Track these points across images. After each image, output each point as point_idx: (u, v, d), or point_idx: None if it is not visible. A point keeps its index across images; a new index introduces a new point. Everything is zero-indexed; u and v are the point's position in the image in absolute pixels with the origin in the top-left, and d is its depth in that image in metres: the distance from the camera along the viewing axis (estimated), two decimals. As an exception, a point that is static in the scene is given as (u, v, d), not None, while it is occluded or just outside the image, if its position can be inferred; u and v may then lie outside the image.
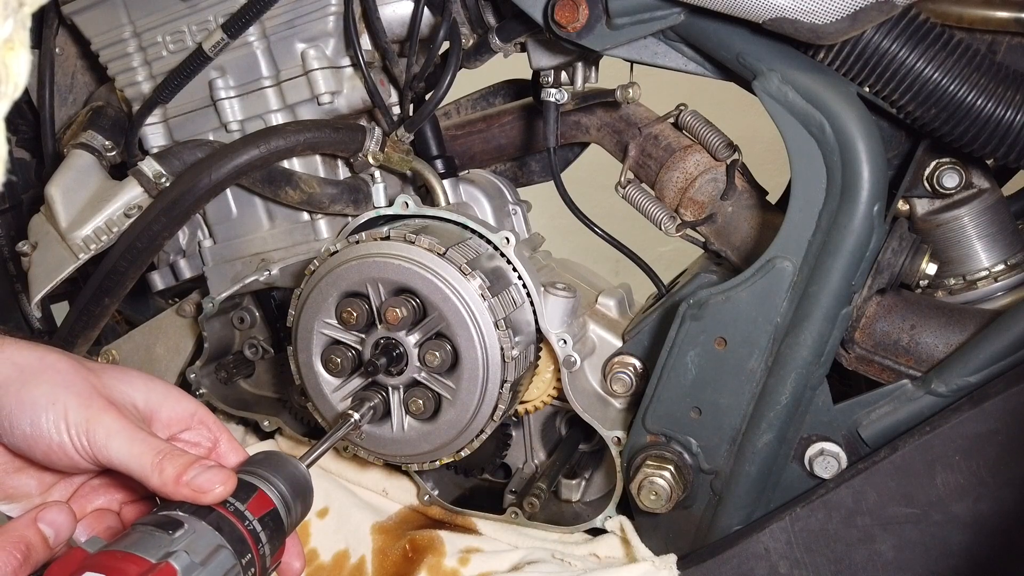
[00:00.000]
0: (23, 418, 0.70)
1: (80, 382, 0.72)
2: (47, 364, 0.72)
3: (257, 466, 0.75)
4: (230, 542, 0.66)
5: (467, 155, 1.35)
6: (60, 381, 0.71)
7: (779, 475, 1.02)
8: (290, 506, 0.74)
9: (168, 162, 1.18)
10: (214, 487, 0.68)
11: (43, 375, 0.71)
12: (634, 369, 1.11)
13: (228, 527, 0.67)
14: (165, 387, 0.79)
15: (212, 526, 0.66)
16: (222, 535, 0.66)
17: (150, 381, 0.78)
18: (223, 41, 1.15)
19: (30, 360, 0.72)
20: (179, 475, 0.68)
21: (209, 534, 0.66)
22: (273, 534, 0.71)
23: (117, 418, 0.71)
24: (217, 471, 0.69)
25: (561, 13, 0.96)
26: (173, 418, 0.78)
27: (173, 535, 0.64)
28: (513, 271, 1.08)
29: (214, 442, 0.80)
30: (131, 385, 0.76)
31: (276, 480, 0.74)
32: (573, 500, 1.27)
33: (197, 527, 0.66)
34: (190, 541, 0.64)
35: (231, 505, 0.69)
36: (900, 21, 0.88)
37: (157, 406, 0.77)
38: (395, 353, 1.00)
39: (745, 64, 0.92)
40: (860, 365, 1.01)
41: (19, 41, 0.52)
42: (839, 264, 0.92)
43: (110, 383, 0.74)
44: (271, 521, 0.71)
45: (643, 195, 1.18)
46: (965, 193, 1.04)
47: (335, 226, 1.22)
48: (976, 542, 0.91)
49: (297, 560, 0.79)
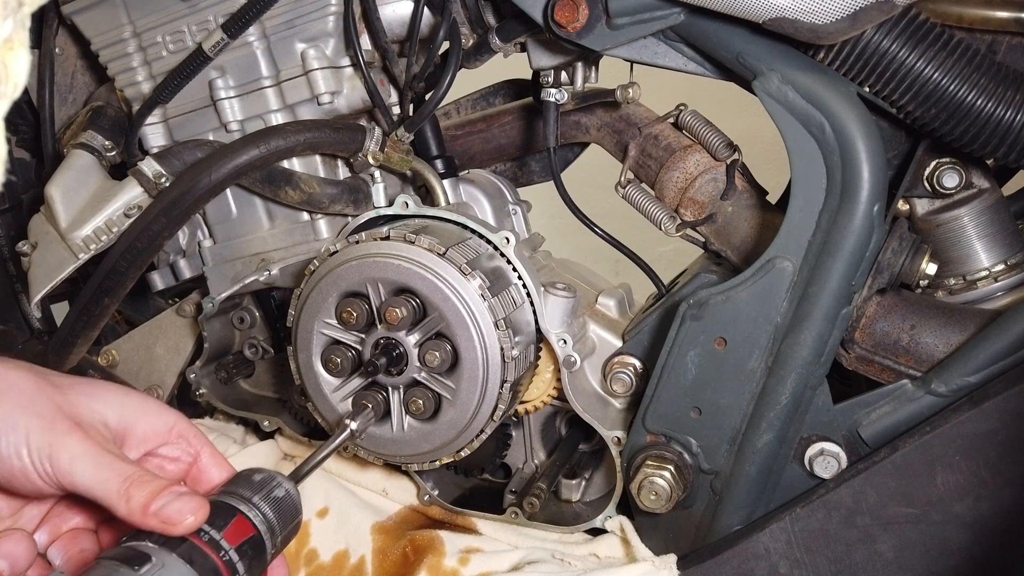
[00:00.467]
0: None
1: (43, 402, 0.67)
2: (8, 383, 0.68)
3: (240, 486, 0.71)
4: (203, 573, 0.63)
5: (467, 155, 1.35)
6: (21, 402, 0.67)
7: (779, 475, 1.02)
8: (275, 529, 0.70)
9: (168, 162, 1.18)
10: (184, 518, 0.64)
11: (3, 396, 0.67)
12: (634, 369, 1.11)
13: (200, 558, 0.63)
14: (141, 400, 0.74)
15: (183, 558, 0.62)
16: (193, 567, 0.62)
17: (124, 395, 0.74)
18: (223, 41, 1.15)
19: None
20: (147, 504, 0.64)
21: (179, 567, 0.62)
22: (253, 563, 0.67)
23: (82, 440, 0.66)
24: (188, 499, 0.65)
25: (561, 13, 0.96)
26: (150, 433, 0.73)
27: (139, 571, 0.60)
28: (513, 271, 1.08)
29: (195, 456, 0.75)
30: (102, 401, 0.72)
31: (260, 502, 0.70)
32: (573, 500, 1.27)
33: (166, 560, 0.62)
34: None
35: (205, 534, 0.65)
36: (900, 21, 0.88)
37: (132, 422, 0.72)
38: (395, 353, 1.00)
39: (745, 64, 0.92)
40: (860, 365, 1.01)
41: (19, 41, 0.52)
42: (839, 264, 0.92)
43: (77, 400, 0.70)
44: (250, 549, 0.67)
45: (643, 195, 1.18)
46: (965, 193, 1.04)
47: (335, 226, 1.22)
48: (976, 542, 0.91)
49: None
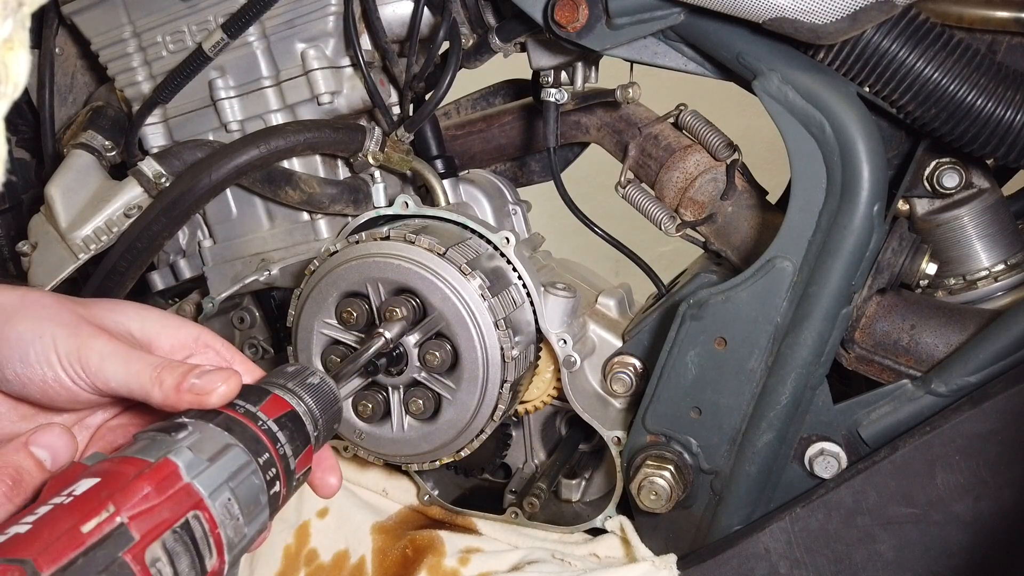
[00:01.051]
0: (12, 357, 0.66)
1: (66, 313, 0.68)
2: (29, 301, 0.68)
3: (275, 377, 0.69)
4: (242, 441, 0.61)
5: (467, 155, 1.35)
6: (45, 314, 0.67)
7: (779, 475, 1.02)
8: (313, 412, 0.68)
9: (168, 162, 1.18)
10: (216, 386, 0.63)
11: (26, 311, 0.67)
12: (634, 369, 1.11)
13: (239, 428, 0.62)
14: (162, 314, 0.74)
15: (221, 427, 0.61)
16: (232, 435, 0.61)
17: (143, 309, 0.73)
18: (223, 41, 1.15)
19: (10, 299, 0.68)
20: (179, 383, 0.64)
21: (217, 435, 0.61)
22: (294, 435, 0.65)
23: (108, 341, 0.66)
24: (220, 372, 0.64)
25: (561, 13, 0.96)
26: (176, 344, 0.72)
27: (176, 436, 0.59)
28: (513, 271, 1.08)
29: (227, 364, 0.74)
30: (124, 314, 0.71)
31: (295, 387, 0.68)
32: (573, 500, 1.27)
33: (203, 429, 0.60)
34: (195, 441, 0.59)
35: (241, 407, 0.64)
36: (900, 21, 0.88)
37: (155, 333, 0.72)
38: (395, 353, 1.00)
39: (745, 64, 0.92)
40: (860, 365, 1.01)
41: (19, 41, 0.52)
42: (839, 264, 0.92)
43: (100, 313, 0.70)
44: (289, 422, 0.65)
45: (643, 195, 1.18)
46: (965, 193, 1.04)
47: (335, 226, 1.22)
48: (976, 542, 0.91)
49: (333, 476, 0.74)
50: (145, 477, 0.54)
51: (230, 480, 0.59)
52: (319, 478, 0.73)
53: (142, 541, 0.52)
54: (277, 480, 0.63)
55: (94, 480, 0.54)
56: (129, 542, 0.51)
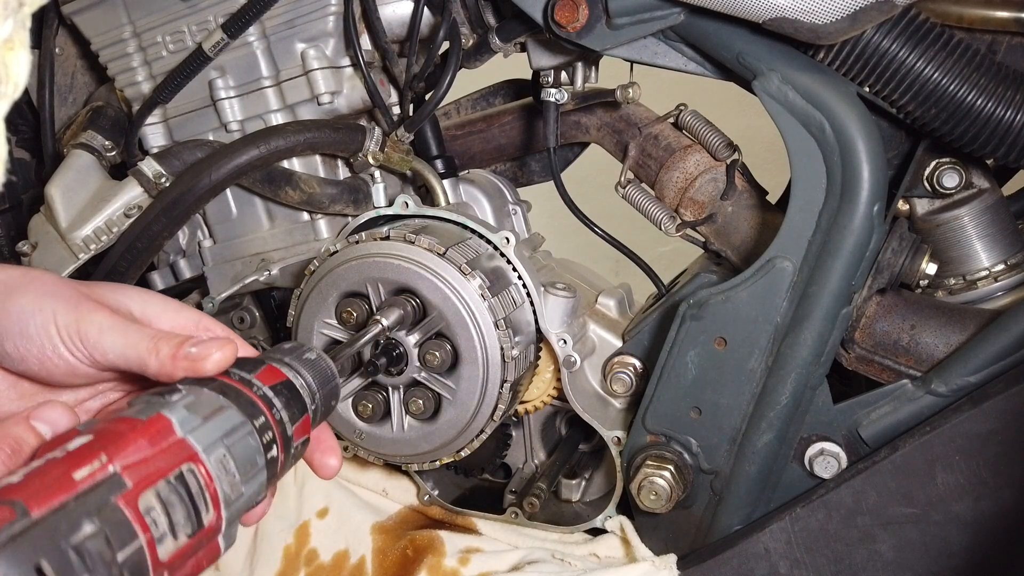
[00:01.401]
0: (11, 330, 0.66)
1: (67, 289, 0.69)
2: (31, 278, 0.69)
3: (271, 352, 0.69)
4: (236, 404, 0.61)
5: (467, 155, 1.35)
6: (46, 290, 0.68)
7: (779, 475, 1.02)
8: (311, 386, 0.68)
9: (168, 162, 1.18)
10: (211, 352, 0.64)
11: (28, 287, 0.68)
12: (634, 369, 1.11)
13: (233, 392, 0.62)
14: (163, 298, 0.74)
15: (215, 391, 0.61)
16: (226, 398, 0.61)
17: (146, 293, 0.74)
18: (223, 41, 1.15)
19: (12, 276, 0.69)
20: (175, 351, 0.64)
21: (211, 397, 0.61)
22: (290, 402, 0.65)
23: (108, 315, 0.67)
24: (215, 340, 0.65)
25: (561, 13, 0.96)
26: (176, 326, 0.72)
27: (169, 399, 0.59)
28: (513, 271, 1.08)
29: None
30: (126, 295, 0.72)
31: (292, 361, 0.68)
32: (573, 500, 1.27)
33: (197, 393, 0.61)
34: (189, 402, 0.59)
35: (235, 375, 0.64)
36: (900, 21, 0.88)
37: (155, 315, 0.72)
38: (395, 353, 1.00)
39: (745, 64, 0.92)
40: (860, 365, 1.01)
41: (19, 41, 0.52)
42: (839, 264, 0.92)
43: (101, 292, 0.71)
44: (285, 390, 0.65)
45: (643, 195, 1.18)
46: (965, 193, 1.04)
47: (335, 226, 1.22)
48: (976, 542, 0.91)
49: (333, 457, 0.74)
50: (139, 431, 0.54)
51: (225, 437, 0.59)
52: (318, 459, 0.73)
53: (135, 488, 0.52)
54: (274, 444, 0.63)
55: (88, 437, 0.54)
56: (122, 488, 0.51)
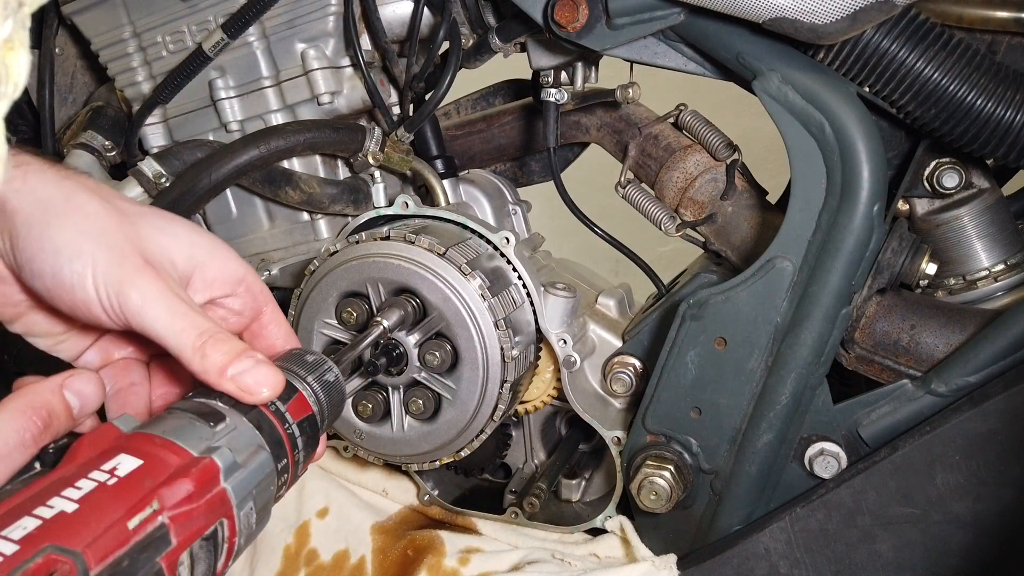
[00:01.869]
0: (44, 266, 0.62)
1: (112, 231, 0.63)
2: (74, 204, 0.63)
3: (294, 364, 0.69)
4: (269, 443, 0.62)
5: (467, 155, 1.35)
6: (88, 228, 0.62)
7: (779, 475, 1.02)
8: (324, 412, 0.69)
9: (168, 162, 1.18)
10: (261, 390, 0.62)
11: (69, 218, 0.62)
12: (634, 369, 1.11)
13: (268, 428, 0.62)
14: (211, 243, 0.70)
15: (253, 424, 0.61)
16: (262, 435, 0.61)
17: (194, 233, 0.69)
18: (223, 41, 1.15)
19: (55, 197, 0.63)
20: (224, 367, 0.62)
21: (250, 433, 0.61)
22: (308, 441, 0.66)
23: (154, 281, 0.62)
24: (266, 371, 0.63)
25: (561, 13, 0.95)
26: (218, 279, 0.69)
27: (215, 428, 0.59)
28: (513, 271, 1.08)
29: (257, 312, 0.73)
30: (172, 236, 0.67)
31: (314, 383, 0.68)
32: (573, 500, 1.27)
33: (239, 424, 0.61)
34: (232, 437, 0.59)
35: (272, 405, 0.64)
36: (900, 21, 0.88)
37: (200, 263, 0.68)
38: (395, 353, 1.00)
39: (745, 64, 0.92)
40: (860, 365, 1.01)
41: (19, 41, 0.52)
42: (839, 264, 0.92)
43: (146, 233, 0.65)
44: (308, 427, 0.66)
45: (643, 195, 1.18)
46: (965, 193, 1.04)
47: (335, 226, 1.22)
48: (976, 542, 0.91)
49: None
50: (188, 474, 0.55)
51: (255, 488, 0.60)
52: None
53: (178, 547, 0.53)
54: (284, 486, 0.64)
55: (136, 462, 0.54)
56: (167, 546, 0.52)
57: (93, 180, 0.67)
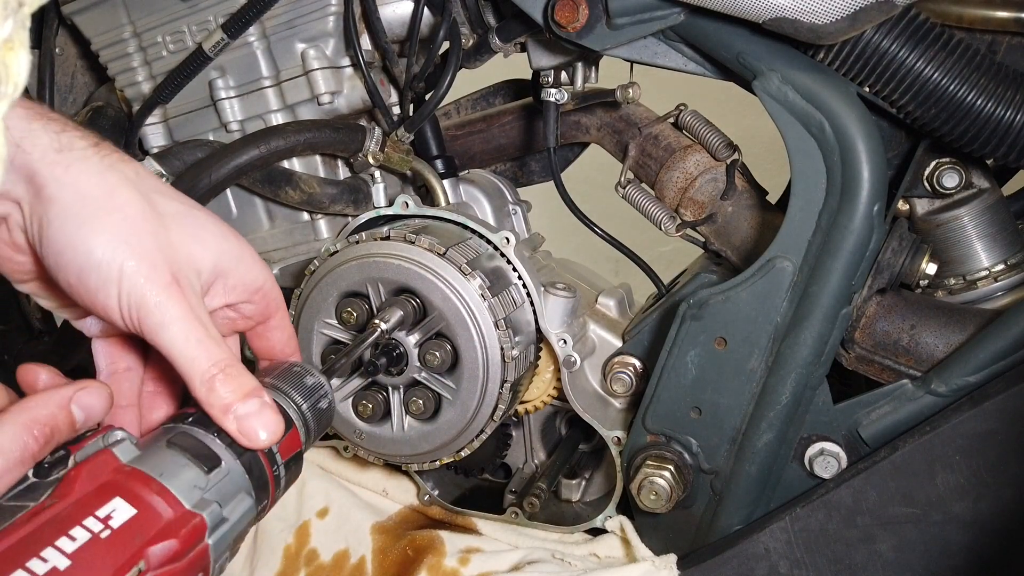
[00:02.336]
0: (71, 263, 0.62)
1: (146, 240, 0.63)
2: (115, 204, 0.63)
3: (291, 386, 0.70)
4: (255, 488, 0.63)
5: (467, 155, 1.35)
6: (123, 234, 0.62)
7: (779, 475, 1.02)
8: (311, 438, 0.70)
9: (168, 162, 1.17)
10: (259, 437, 0.63)
11: (106, 219, 0.62)
12: (634, 369, 1.11)
13: (258, 471, 0.63)
14: (239, 250, 0.71)
15: (245, 468, 0.63)
16: (251, 479, 0.63)
17: (224, 240, 0.70)
18: (223, 41, 1.15)
19: (97, 193, 0.62)
20: (229, 405, 0.63)
21: (240, 479, 0.62)
22: (291, 477, 0.67)
23: (178, 302, 0.63)
24: (269, 416, 0.64)
25: (561, 13, 0.95)
26: (238, 287, 0.71)
27: (208, 475, 0.60)
28: (513, 271, 1.08)
29: (267, 317, 0.74)
30: (202, 245, 0.68)
31: (307, 412, 0.69)
32: (573, 500, 1.27)
33: (232, 468, 0.62)
34: (222, 485, 0.60)
35: None
36: (900, 21, 0.88)
37: (225, 271, 0.70)
38: (395, 353, 1.00)
39: (745, 64, 0.92)
40: (860, 365, 1.01)
41: (19, 41, 0.52)
42: (839, 264, 0.92)
43: (180, 241, 0.66)
44: (293, 464, 0.67)
45: (643, 195, 1.18)
46: (965, 193, 1.04)
47: (335, 226, 1.22)
48: (976, 542, 0.91)
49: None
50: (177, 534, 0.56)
51: (234, 538, 0.61)
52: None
53: None
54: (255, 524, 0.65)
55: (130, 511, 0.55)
56: None
57: (135, 169, 0.66)
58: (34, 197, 0.62)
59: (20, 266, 0.69)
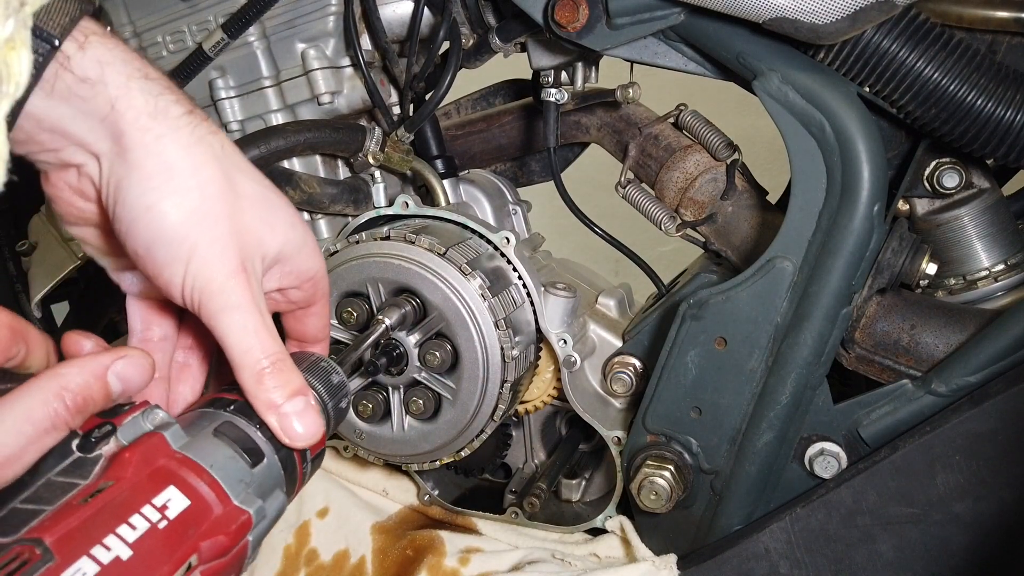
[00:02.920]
0: (143, 233, 0.62)
1: (221, 221, 0.63)
2: (197, 182, 0.63)
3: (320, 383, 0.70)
4: (287, 482, 0.64)
5: (467, 155, 1.35)
6: (199, 213, 0.62)
7: (779, 475, 1.02)
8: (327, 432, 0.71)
9: (168, 162, 1.17)
10: (301, 437, 0.64)
11: (186, 196, 0.62)
12: (634, 369, 1.11)
13: (291, 468, 0.65)
14: (302, 238, 0.71)
15: (282, 465, 0.64)
16: (285, 474, 0.64)
17: (292, 229, 0.70)
18: (223, 41, 1.15)
19: (182, 167, 0.62)
20: (274, 402, 0.63)
21: (277, 474, 0.63)
22: (312, 474, 0.69)
23: (242, 291, 0.63)
24: (312, 418, 0.64)
25: (561, 13, 0.96)
26: (294, 274, 0.71)
27: (253, 469, 0.61)
28: (513, 271, 1.08)
29: (309, 304, 0.75)
30: (272, 230, 0.68)
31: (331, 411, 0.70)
32: (573, 500, 1.27)
33: (272, 464, 0.63)
34: (263, 480, 0.61)
35: None
36: (900, 21, 0.88)
37: (285, 258, 0.70)
38: (395, 353, 1.00)
39: (745, 64, 0.92)
40: (860, 365, 1.01)
41: (20, 41, 0.52)
42: (839, 264, 0.92)
43: (252, 226, 0.66)
44: (318, 460, 0.69)
45: (643, 195, 1.18)
46: (965, 193, 1.04)
47: (335, 226, 1.22)
48: (976, 542, 0.91)
49: None
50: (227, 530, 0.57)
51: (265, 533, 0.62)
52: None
53: None
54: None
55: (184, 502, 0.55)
56: None
57: (222, 142, 0.66)
58: (117, 156, 0.62)
59: (80, 212, 0.68)
